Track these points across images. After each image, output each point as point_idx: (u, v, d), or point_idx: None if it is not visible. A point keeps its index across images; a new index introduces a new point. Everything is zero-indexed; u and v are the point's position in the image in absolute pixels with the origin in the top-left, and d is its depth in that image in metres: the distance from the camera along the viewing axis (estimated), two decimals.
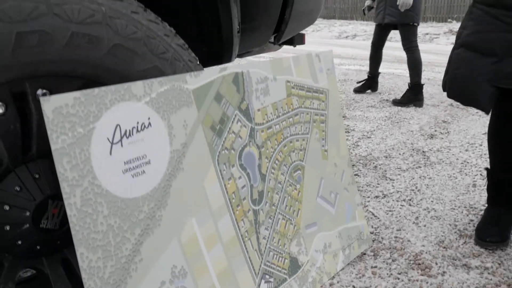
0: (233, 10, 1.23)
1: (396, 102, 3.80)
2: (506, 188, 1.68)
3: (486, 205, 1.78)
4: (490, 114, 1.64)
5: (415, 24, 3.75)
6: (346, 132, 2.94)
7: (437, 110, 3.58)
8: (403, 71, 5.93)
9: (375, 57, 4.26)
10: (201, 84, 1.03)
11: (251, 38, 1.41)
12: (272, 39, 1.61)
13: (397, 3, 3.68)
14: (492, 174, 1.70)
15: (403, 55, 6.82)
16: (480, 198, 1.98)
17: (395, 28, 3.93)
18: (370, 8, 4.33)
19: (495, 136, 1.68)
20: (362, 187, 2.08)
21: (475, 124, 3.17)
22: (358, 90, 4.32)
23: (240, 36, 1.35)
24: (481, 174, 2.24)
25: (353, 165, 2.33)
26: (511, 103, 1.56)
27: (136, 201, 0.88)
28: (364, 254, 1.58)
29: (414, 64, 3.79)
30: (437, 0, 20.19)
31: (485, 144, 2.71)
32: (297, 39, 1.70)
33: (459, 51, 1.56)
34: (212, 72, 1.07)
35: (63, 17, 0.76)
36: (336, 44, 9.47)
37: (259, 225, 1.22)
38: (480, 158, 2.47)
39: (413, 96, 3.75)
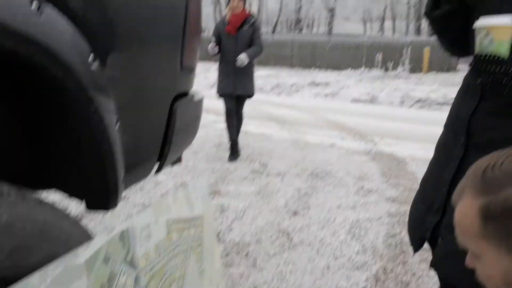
0: (119, 163, 1.39)
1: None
2: None
3: None
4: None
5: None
6: (220, 212, 3.19)
7: (300, 181, 4.05)
8: (274, 131, 6.50)
9: (231, 124, 4.76)
10: (91, 253, 1.16)
11: (132, 178, 1.57)
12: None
13: (237, 63, 4.44)
14: None
15: (273, 111, 7.45)
16: (332, 283, 2.35)
17: (237, 98, 4.70)
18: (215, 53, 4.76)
19: None
20: (235, 279, 2.32)
21: (331, 196, 3.68)
22: (231, 159, 4.66)
23: (124, 178, 1.50)
24: (333, 255, 2.65)
25: (227, 254, 2.57)
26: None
27: None
28: None
29: (241, 124, 4.89)
30: (302, 49, 22.28)
31: (338, 219, 3.18)
32: (175, 160, 1.91)
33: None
34: (101, 239, 1.20)
35: None
36: (211, 96, 9.87)
37: None
38: (333, 236, 2.91)
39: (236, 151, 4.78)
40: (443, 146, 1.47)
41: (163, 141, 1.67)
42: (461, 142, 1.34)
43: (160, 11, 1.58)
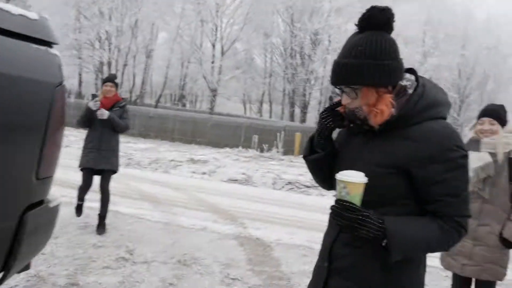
0: None
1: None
2: None
3: None
4: None
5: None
6: None
7: (166, 269, 4.00)
8: (146, 211, 6.37)
9: (83, 191, 5.06)
10: None
11: None
12: None
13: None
14: None
15: (147, 189, 7.33)
16: None
17: (101, 174, 5.00)
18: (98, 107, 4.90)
19: None
20: None
21: (196, 286, 3.69)
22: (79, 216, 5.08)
23: None
24: None
25: None
26: None
27: None
28: None
29: (108, 202, 5.07)
30: (184, 124, 22.70)
31: None
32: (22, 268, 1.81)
33: None
34: None
35: None
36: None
37: None
38: None
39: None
40: (315, 268, 1.69)
41: (8, 252, 1.61)
42: (325, 266, 1.57)
43: (17, 122, 1.55)
